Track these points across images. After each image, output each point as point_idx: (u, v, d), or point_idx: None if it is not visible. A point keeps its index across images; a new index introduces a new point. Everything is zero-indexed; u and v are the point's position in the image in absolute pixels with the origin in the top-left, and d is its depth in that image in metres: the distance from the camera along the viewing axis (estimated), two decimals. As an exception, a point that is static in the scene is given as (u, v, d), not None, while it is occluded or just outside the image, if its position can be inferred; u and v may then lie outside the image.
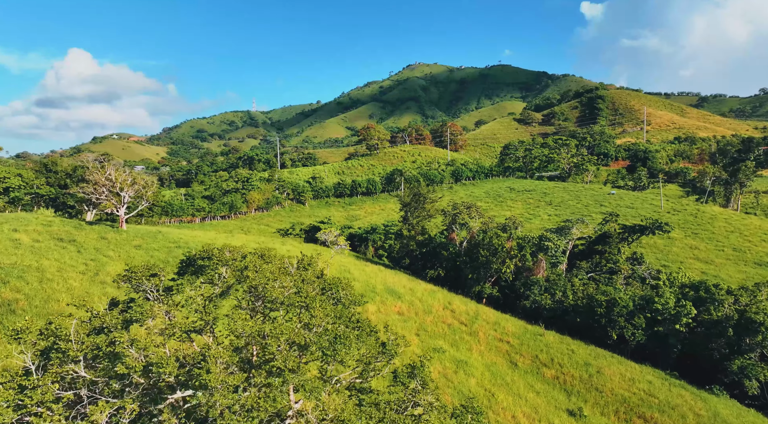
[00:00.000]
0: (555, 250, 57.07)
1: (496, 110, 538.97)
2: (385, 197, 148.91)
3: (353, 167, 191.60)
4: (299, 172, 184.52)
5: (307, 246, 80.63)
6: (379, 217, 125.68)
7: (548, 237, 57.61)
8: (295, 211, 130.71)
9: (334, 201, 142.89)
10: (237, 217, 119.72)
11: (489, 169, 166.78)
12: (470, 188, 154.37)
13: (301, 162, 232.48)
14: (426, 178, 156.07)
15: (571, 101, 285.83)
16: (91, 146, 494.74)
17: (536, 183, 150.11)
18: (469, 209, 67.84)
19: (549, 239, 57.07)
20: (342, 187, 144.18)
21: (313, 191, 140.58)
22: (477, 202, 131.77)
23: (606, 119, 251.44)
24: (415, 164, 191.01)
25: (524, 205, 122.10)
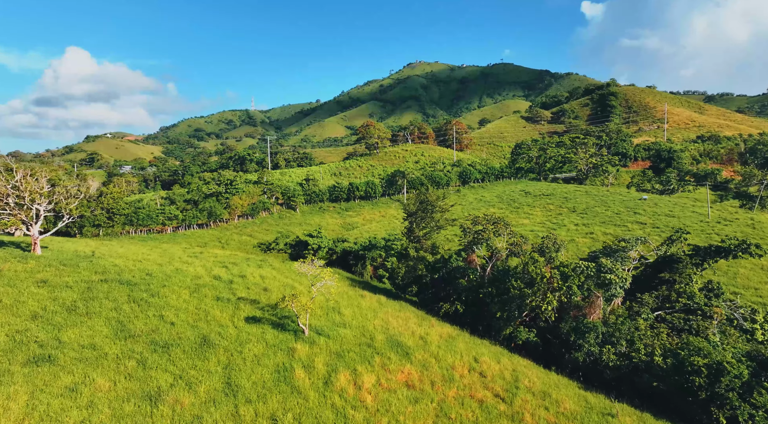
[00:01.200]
0: (620, 284, 41.57)
1: (499, 109, 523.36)
2: (385, 202, 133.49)
3: (351, 168, 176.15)
4: (293, 173, 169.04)
5: (291, 266, 65.33)
6: (379, 225, 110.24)
7: (608, 266, 42.09)
8: (285, 218, 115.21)
9: (328, 206, 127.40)
10: (218, 225, 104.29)
11: (500, 170, 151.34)
12: (480, 192, 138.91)
13: (296, 162, 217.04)
14: (430, 180, 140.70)
15: (580, 99, 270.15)
16: (84, 145, 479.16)
17: (553, 186, 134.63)
18: (496, 225, 52.25)
19: (611, 270, 41.55)
20: (338, 190, 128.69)
21: (305, 195, 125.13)
22: (489, 208, 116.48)
23: (619, 117, 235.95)
24: (418, 165, 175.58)
25: (544, 212, 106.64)
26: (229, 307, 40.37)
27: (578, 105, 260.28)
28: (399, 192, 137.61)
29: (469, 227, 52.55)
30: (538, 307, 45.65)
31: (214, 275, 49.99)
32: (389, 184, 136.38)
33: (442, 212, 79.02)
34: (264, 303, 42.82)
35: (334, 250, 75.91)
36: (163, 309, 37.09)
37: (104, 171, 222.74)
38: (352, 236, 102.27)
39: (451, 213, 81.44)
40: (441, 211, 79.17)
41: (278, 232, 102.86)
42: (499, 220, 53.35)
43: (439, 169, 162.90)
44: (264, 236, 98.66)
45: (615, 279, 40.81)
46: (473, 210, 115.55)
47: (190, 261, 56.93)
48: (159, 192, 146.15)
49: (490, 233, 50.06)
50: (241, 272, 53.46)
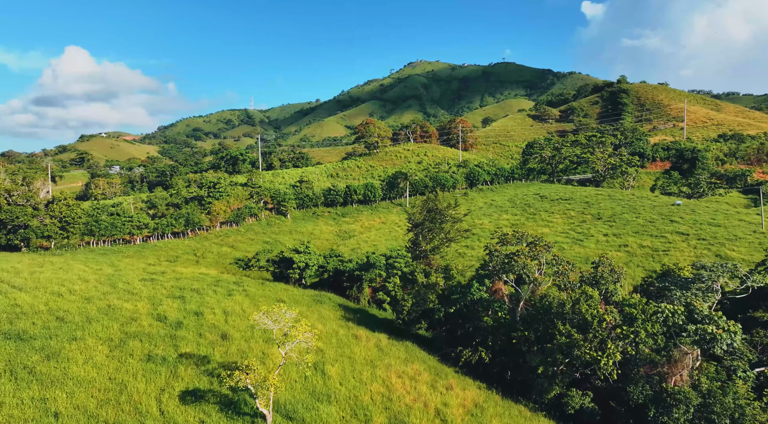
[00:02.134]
0: (728, 341, 28.80)
1: (501, 108, 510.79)
2: (386, 206, 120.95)
3: (349, 169, 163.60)
4: (286, 174, 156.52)
5: (271, 291, 52.93)
6: (379, 233, 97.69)
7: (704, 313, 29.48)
8: (273, 225, 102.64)
9: (323, 211, 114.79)
10: (197, 233, 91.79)
11: (510, 171, 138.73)
12: (489, 195, 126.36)
13: (292, 163, 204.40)
14: (435, 182, 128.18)
15: (589, 96, 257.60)
16: (78, 145, 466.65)
17: (570, 189, 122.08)
18: (533, 247, 39.73)
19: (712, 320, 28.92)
20: (333, 194, 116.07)
21: (297, 199, 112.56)
22: (502, 214, 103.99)
23: (632, 115, 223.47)
24: (420, 166, 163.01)
25: (565, 219, 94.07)
26: (162, 373, 27.86)
27: (587, 103, 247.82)
28: (401, 195, 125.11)
29: (497, 249, 39.90)
30: (594, 360, 33.14)
31: (159, 313, 37.50)
32: (390, 186, 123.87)
33: (454, 222, 66.53)
34: (217, 362, 30.34)
35: (325, 267, 63.42)
36: (55, 385, 24.56)
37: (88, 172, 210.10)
38: (349, 246, 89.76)
39: (465, 224, 68.83)
40: (452, 221, 66.72)
41: (265, 241, 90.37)
42: (538, 239, 40.71)
43: (444, 170, 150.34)
44: (248, 247, 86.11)
45: (722, 335, 28.16)
46: (484, 216, 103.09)
47: (139, 289, 44.46)
48: (140, 195, 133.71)
49: (526, 259, 37.47)
50: (200, 307, 40.98)
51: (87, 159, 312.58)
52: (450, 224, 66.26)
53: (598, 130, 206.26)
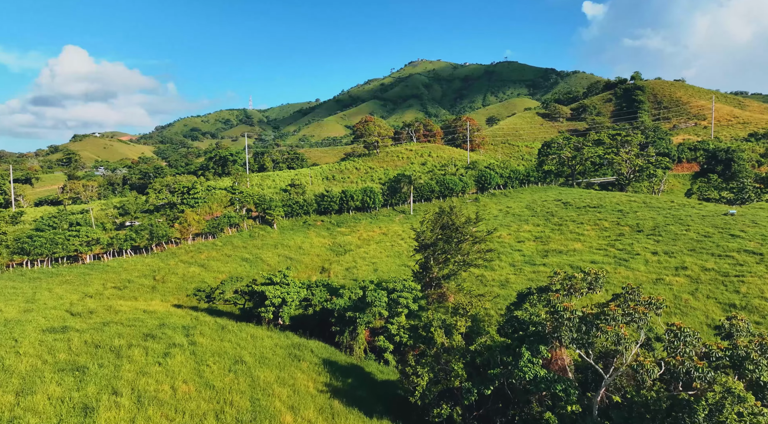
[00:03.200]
0: None
1: (505, 107, 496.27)
2: (387, 214, 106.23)
3: (347, 171, 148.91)
4: (277, 176, 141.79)
5: (231, 343, 38.43)
6: (379, 248, 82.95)
7: None
8: (257, 237, 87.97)
9: (315, 220, 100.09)
10: (164, 248, 77.19)
11: (525, 174, 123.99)
12: (503, 201, 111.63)
13: (286, 164, 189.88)
14: (442, 186, 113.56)
15: (602, 93, 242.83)
16: (70, 145, 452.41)
17: (595, 194, 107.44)
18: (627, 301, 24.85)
19: None
20: (327, 200, 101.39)
21: (285, 206, 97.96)
22: (522, 224, 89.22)
23: (648, 113, 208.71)
24: (425, 167, 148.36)
25: (598, 231, 79.28)
26: None
27: (599, 101, 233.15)
28: (404, 201, 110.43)
29: (566, 309, 25.08)
30: None
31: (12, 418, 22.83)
32: (392, 191, 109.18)
33: (475, 241, 51.84)
34: None
35: (309, 301, 48.77)
36: None
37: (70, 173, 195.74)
38: (343, 264, 75.05)
39: (487, 243, 54.06)
40: (472, 240, 52.05)
41: (243, 259, 75.72)
42: (631, 291, 25.70)
43: (451, 172, 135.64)
44: (222, 266, 71.47)
45: None
46: (501, 227, 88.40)
47: (24, 353, 29.96)
48: (111, 200, 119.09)
49: (618, 327, 22.75)
50: (102, 389, 26.35)
51: (75, 159, 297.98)
52: (470, 244, 51.62)
53: (613, 128, 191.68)
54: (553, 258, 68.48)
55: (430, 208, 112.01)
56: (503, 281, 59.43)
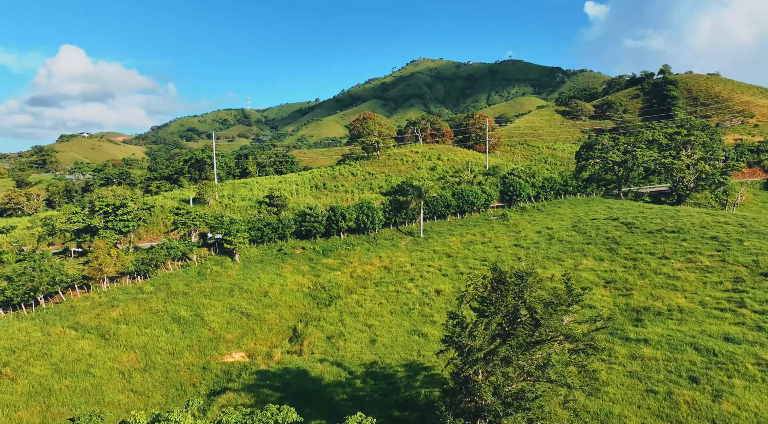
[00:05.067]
0: None
1: (511, 106, 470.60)
2: (390, 236, 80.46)
3: (341, 177, 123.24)
4: (257, 184, 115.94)
5: None
6: (378, 297, 57.11)
7: None
8: (208, 276, 62.25)
9: (294, 247, 74.33)
10: (64, 297, 51.61)
11: (563, 183, 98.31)
12: (538, 218, 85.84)
13: (274, 167, 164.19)
14: (461, 199, 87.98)
15: (627, 89, 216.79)
16: (56, 146, 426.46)
17: (661, 211, 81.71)
18: None
19: None
20: (310, 220, 75.53)
21: (254, 230, 72.27)
22: (578, 257, 63.00)
23: (683, 110, 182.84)
24: (435, 173, 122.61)
25: (699, 274, 53.36)
26: None
27: (625, 97, 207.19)
28: (411, 220, 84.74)
29: None
30: None
31: None
32: (395, 208, 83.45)
33: (570, 340, 25.97)
34: None
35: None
36: None
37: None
38: (326, 330, 49.24)
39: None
40: (558, 307, 26.23)
41: (176, 317, 50.13)
42: None
43: (467, 179, 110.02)
44: (136, 336, 45.91)
45: None
46: (547, 260, 62.82)
47: None
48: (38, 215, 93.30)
49: None
50: None
51: (51, 161, 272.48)
52: (558, 348, 25.96)
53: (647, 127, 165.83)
54: (653, 327, 42.85)
55: (444, 227, 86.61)
56: (604, 412, 32.99)
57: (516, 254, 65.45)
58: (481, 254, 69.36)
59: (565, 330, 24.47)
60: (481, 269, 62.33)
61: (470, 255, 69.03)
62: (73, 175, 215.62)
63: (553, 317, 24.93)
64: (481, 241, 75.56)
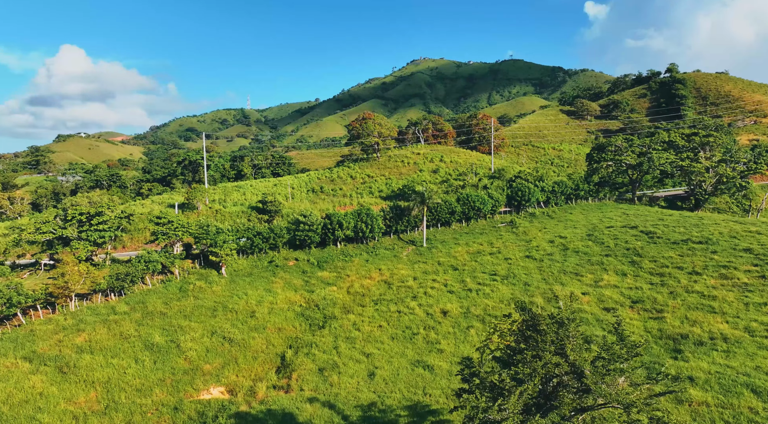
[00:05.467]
0: None
1: (513, 106, 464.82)
2: (390, 246, 74.53)
3: (339, 180, 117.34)
4: (251, 188, 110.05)
5: None
6: (378, 317, 51.11)
7: None
8: (191, 292, 56.36)
9: (287, 258, 68.43)
10: (23, 320, 45.72)
11: (574, 187, 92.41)
12: (549, 225, 79.89)
13: (271, 169, 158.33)
14: (466, 205, 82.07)
15: (633, 88, 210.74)
16: (53, 146, 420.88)
17: (683, 219, 75.80)
18: None
19: None
20: (304, 229, 69.59)
21: (244, 239, 66.36)
22: (598, 271, 56.44)
23: (693, 109, 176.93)
24: (437, 176, 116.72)
25: (738, 294, 47.32)
26: None
27: (631, 96, 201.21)
28: (414, 227, 78.81)
29: None
30: None
31: None
32: (397, 214, 77.51)
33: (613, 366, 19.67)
34: None
35: None
36: None
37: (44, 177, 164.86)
38: (318, 356, 43.21)
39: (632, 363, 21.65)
40: (611, 364, 20.00)
41: (149, 344, 44.27)
42: None
43: (472, 182, 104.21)
44: (101, 368, 40.01)
45: None
46: (563, 275, 56.93)
47: None
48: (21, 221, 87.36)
49: None
50: None
51: (45, 162, 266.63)
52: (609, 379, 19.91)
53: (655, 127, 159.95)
54: (696, 361, 36.90)
55: (448, 236, 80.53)
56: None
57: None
58: (490, 266, 63.40)
59: (621, 397, 18.53)
60: (491, 285, 56.42)
61: (478, 268, 63.09)
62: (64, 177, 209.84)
63: (605, 379, 18.98)
64: (489, 251, 69.62)
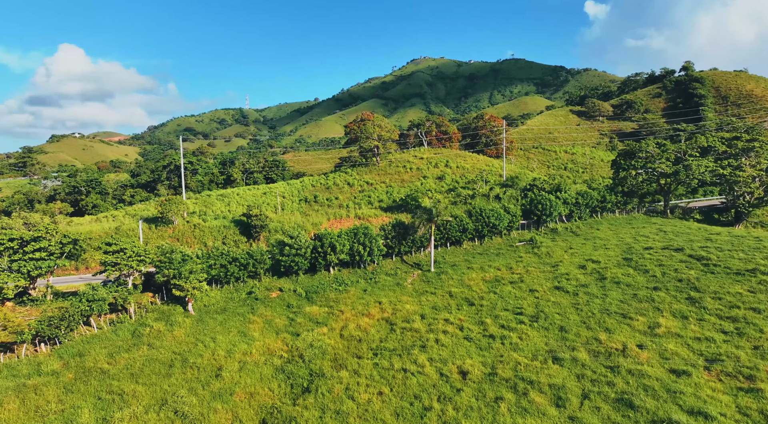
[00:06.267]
0: None
1: (515, 106, 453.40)
2: (392, 270, 63.30)
3: (335, 188, 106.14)
4: (236, 197, 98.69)
5: None
6: (378, 379, 39.70)
7: None
8: (145, 338, 45.10)
9: (270, 288, 57.12)
10: None
11: (601, 198, 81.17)
12: (576, 244, 68.68)
13: (263, 173, 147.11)
14: (479, 221, 70.86)
15: (646, 87, 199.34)
16: (46, 146, 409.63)
17: (728, 236, 64.66)
18: None
19: None
20: (290, 253, 58.25)
21: (216, 268, 55.03)
22: (652, 312, 45.24)
23: (712, 110, 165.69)
24: (443, 183, 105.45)
25: None
26: None
27: (644, 95, 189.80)
28: (420, 248, 67.56)
29: None
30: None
31: None
32: (400, 233, 66.25)
33: None
34: None
35: None
36: None
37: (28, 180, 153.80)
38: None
39: None
40: None
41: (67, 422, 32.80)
42: None
43: (482, 192, 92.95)
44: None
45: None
46: (610, 319, 45.77)
47: None
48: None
49: None
50: None
51: (33, 164, 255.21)
52: None
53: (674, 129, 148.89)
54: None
55: (459, 257, 69.06)
56: None
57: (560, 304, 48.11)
58: (513, 300, 52.21)
59: None
60: (518, 329, 45.21)
61: (499, 303, 51.88)
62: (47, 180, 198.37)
63: None
64: (509, 279, 58.44)
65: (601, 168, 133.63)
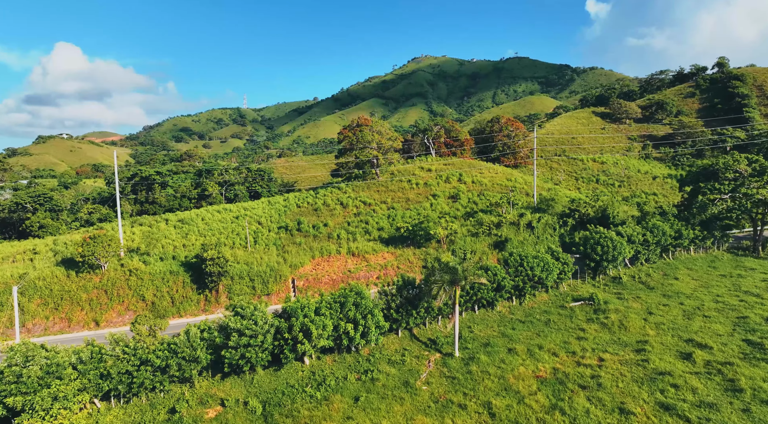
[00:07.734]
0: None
1: (521, 106, 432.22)
2: (398, 357, 42.44)
3: (324, 209, 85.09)
4: (204, 220, 77.56)
5: None
6: None
7: None
8: None
9: (209, 399, 36.17)
10: None
11: (675, 233, 60.24)
12: (653, 304, 47.83)
13: (246, 185, 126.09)
14: (519, 274, 49.85)
15: (676, 86, 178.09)
16: (31, 148, 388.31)
17: None
18: None
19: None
20: (239, 345, 37.05)
21: (111, 380, 33.80)
22: None
23: (757, 111, 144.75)
24: (458, 205, 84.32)
25: None
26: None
27: (675, 95, 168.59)
28: (438, 315, 46.56)
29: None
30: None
31: None
32: (408, 298, 45.20)
33: None
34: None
35: None
36: None
37: None
38: None
39: None
40: None
41: None
42: None
43: (510, 219, 71.84)
44: None
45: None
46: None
47: None
48: None
49: None
50: None
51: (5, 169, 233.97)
52: None
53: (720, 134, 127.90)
54: None
55: (494, 329, 47.39)
56: None
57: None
58: (596, 422, 31.48)
59: None
60: None
61: (575, 439, 31.10)
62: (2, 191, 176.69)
63: None
64: (577, 378, 37.65)
65: (640, 181, 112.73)
